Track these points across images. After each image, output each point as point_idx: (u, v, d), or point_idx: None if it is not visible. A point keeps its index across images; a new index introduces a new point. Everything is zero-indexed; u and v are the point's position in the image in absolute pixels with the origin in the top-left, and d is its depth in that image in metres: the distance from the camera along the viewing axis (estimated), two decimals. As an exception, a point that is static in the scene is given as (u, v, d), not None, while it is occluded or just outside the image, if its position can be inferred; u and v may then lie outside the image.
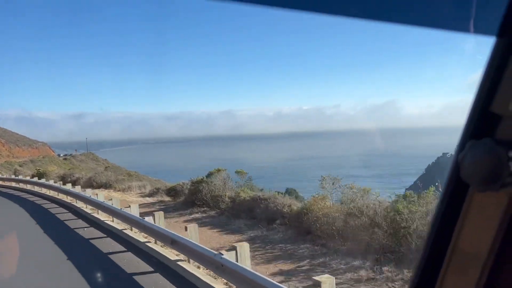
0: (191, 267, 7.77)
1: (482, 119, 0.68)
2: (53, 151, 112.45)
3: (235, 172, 18.04)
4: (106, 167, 50.54)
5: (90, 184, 26.29)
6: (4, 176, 35.85)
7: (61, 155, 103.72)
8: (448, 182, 0.75)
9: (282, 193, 23.15)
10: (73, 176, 31.59)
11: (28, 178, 29.81)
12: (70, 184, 22.35)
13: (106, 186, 25.40)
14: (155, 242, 10.04)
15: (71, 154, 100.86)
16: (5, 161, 78.53)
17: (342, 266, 8.25)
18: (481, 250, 0.68)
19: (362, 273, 7.72)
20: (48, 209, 17.62)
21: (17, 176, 35.66)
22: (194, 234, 8.55)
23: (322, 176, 12.09)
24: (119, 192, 23.19)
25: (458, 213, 0.72)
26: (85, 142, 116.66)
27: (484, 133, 0.66)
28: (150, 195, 21.22)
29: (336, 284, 5.35)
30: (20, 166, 72.94)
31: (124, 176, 28.67)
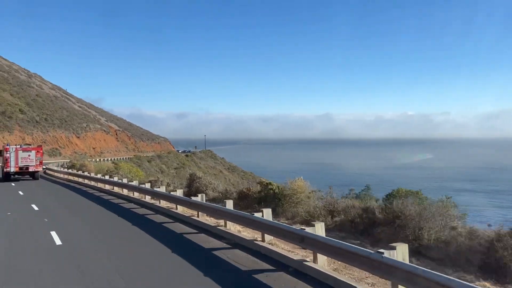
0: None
1: None
2: (173, 147, 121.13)
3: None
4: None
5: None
6: (177, 194, 15.88)
7: (180, 151, 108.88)
8: None
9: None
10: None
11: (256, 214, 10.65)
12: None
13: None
14: None
15: (189, 151, 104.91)
16: (134, 155, 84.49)
17: None
18: None
19: None
20: None
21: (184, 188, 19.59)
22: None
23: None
24: None
25: None
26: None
27: None
28: None
29: None
30: (148, 161, 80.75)
31: None
